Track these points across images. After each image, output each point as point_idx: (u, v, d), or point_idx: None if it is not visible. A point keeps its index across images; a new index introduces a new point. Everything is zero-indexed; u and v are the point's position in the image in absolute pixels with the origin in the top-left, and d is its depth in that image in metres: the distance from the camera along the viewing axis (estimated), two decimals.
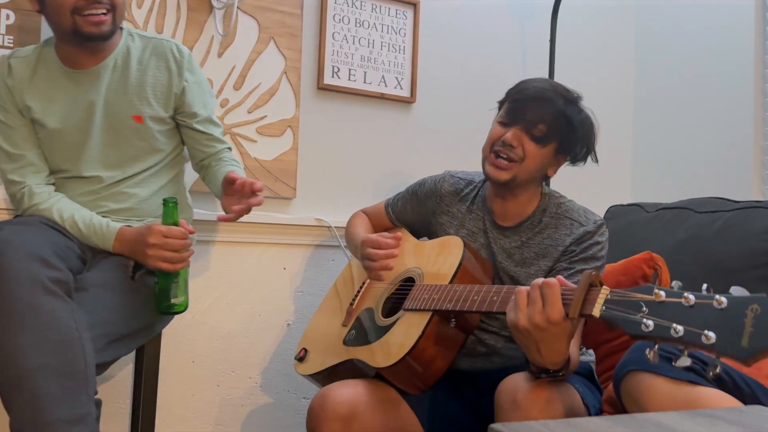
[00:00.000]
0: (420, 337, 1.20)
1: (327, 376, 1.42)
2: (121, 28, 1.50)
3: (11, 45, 1.66)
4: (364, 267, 1.49)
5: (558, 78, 2.24)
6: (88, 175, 1.43)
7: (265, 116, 1.95)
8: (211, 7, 1.87)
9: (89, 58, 1.42)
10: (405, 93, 2.15)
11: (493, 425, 0.61)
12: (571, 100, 1.33)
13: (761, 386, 0.95)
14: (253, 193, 1.36)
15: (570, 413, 1.06)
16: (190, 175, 1.70)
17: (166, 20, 1.82)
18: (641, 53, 2.52)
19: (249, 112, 1.93)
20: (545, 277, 1.27)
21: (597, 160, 1.38)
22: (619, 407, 1.04)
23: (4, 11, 1.67)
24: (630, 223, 1.91)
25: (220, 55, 1.89)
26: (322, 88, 2.03)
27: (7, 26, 1.67)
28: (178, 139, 1.57)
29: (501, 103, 1.41)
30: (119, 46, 1.47)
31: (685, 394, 0.85)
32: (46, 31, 1.68)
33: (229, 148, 1.61)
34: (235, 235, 1.89)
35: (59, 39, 1.42)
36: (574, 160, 1.38)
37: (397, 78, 2.14)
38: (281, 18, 1.96)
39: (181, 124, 1.53)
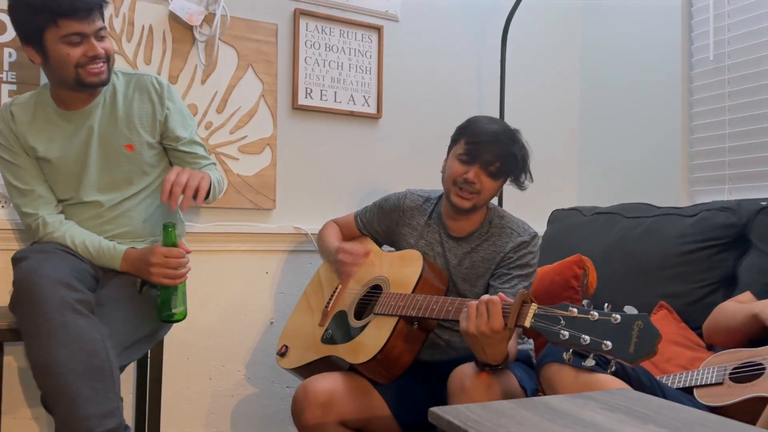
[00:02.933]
0: (389, 338, 1.45)
1: (307, 370, 1.66)
2: None
3: (14, 80, 1.84)
4: (336, 270, 1.72)
5: (508, 90, 2.49)
6: (88, 200, 1.62)
7: (246, 136, 2.16)
8: (194, 38, 2.06)
9: (83, 99, 1.61)
10: (372, 110, 2.37)
11: (431, 408, 0.86)
12: (516, 140, 1.60)
13: (645, 371, 1.22)
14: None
15: (508, 395, 1.32)
16: None
17: (154, 52, 2.01)
18: (586, 68, 2.78)
19: (231, 133, 2.13)
20: (489, 278, 1.54)
21: (532, 179, 1.65)
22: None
23: (7, 50, 1.84)
24: (569, 225, 2.18)
25: (203, 82, 2.09)
26: (297, 108, 2.24)
27: (10, 63, 1.84)
28: (167, 161, 1.75)
29: (455, 139, 1.65)
30: (106, 85, 1.66)
31: (585, 380, 1.11)
32: None
33: (214, 163, 1.80)
34: (221, 244, 2.10)
35: (56, 86, 1.59)
36: (519, 185, 1.64)
37: (364, 96, 2.36)
38: (258, 46, 2.16)
39: (167, 147, 1.72)
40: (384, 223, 1.79)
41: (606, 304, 1.08)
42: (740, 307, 1.40)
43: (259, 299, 2.18)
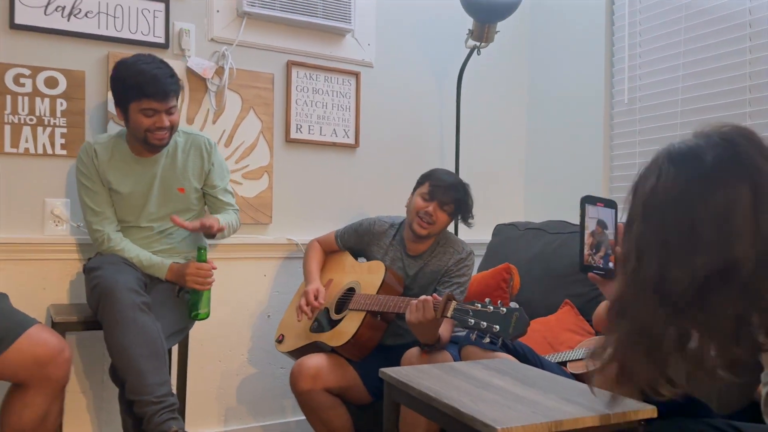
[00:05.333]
0: (359, 327, 1.99)
1: (299, 352, 2.18)
2: None
3: (65, 125, 2.33)
4: (299, 302, 2.20)
5: (463, 124, 3.00)
6: (143, 225, 2.13)
7: (248, 165, 2.67)
8: (207, 88, 2.56)
9: (150, 150, 2.11)
10: (351, 141, 2.89)
11: (381, 369, 1.39)
12: (467, 192, 2.16)
13: (531, 350, 1.76)
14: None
15: None
16: None
17: None
18: (531, 104, 3.30)
19: (236, 163, 2.64)
20: (436, 284, 2.09)
21: (473, 220, 2.19)
22: None
23: (59, 100, 2.33)
24: (506, 238, 2.73)
25: (214, 122, 2.59)
26: (290, 141, 2.74)
27: (62, 111, 2.33)
28: (203, 202, 2.27)
29: (420, 182, 2.18)
30: (170, 140, 2.14)
31: (486, 354, 1.65)
32: (91, 114, 2.36)
33: (236, 210, 2.30)
34: (228, 254, 2.60)
35: (131, 137, 2.08)
36: (466, 223, 2.19)
37: (344, 130, 2.88)
38: (258, 92, 2.67)
39: (206, 192, 2.24)
40: (358, 243, 2.32)
41: (500, 301, 1.62)
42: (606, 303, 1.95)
43: (258, 297, 2.69)
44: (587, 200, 1.18)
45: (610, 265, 1.13)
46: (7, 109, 2.23)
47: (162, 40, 2.45)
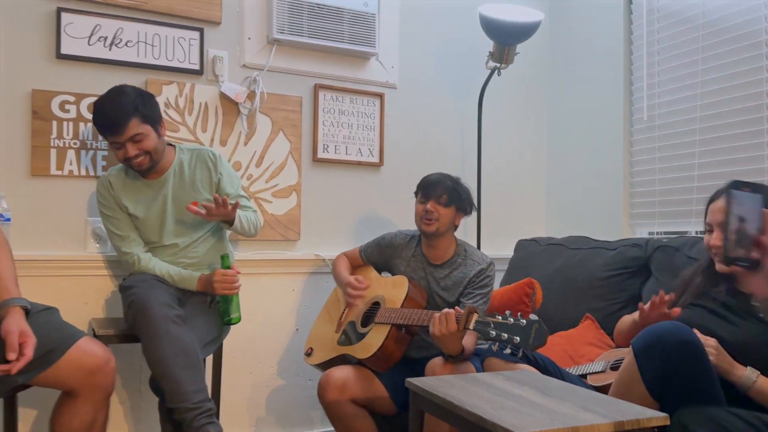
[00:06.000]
0: (384, 340, 2.07)
1: (327, 364, 2.26)
2: (174, 146, 2.29)
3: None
4: (346, 297, 2.33)
5: (485, 143, 3.09)
6: (168, 243, 2.24)
7: (278, 184, 2.78)
8: (239, 111, 2.68)
9: (156, 173, 2.22)
10: (375, 159, 2.99)
11: (408, 379, 1.46)
12: (456, 181, 2.26)
13: (552, 362, 1.82)
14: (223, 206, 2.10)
15: None
16: None
17: (209, 122, 2.64)
18: (551, 124, 3.38)
19: (266, 182, 2.75)
20: (459, 296, 2.16)
21: (474, 210, 2.29)
22: None
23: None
24: (528, 253, 2.79)
25: (245, 144, 2.71)
26: (317, 160, 2.85)
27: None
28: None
29: (416, 193, 2.30)
30: (175, 159, 2.25)
31: (508, 366, 1.71)
32: None
33: (255, 211, 2.40)
34: (258, 269, 2.71)
35: None
36: (465, 213, 2.27)
37: (369, 149, 2.98)
38: (287, 115, 2.78)
39: None
40: (381, 257, 2.41)
41: (519, 313, 1.69)
42: (629, 320, 2.00)
43: (287, 311, 2.79)
44: (735, 185, 1.09)
45: (757, 255, 1.02)
46: (53, 133, 2.38)
47: (197, 67, 2.59)
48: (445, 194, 2.21)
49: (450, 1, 3.14)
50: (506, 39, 2.76)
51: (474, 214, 2.36)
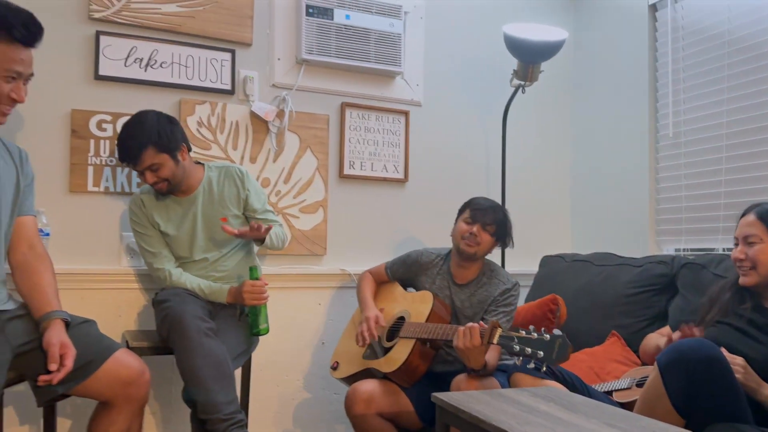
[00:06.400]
0: (409, 354, 2.10)
1: (353, 378, 2.30)
2: (202, 164, 2.37)
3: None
4: (359, 328, 2.30)
5: (509, 160, 3.11)
6: (198, 258, 2.30)
7: (305, 200, 2.84)
8: (268, 129, 2.76)
9: (186, 191, 2.29)
10: (400, 176, 3.03)
11: (434, 393, 1.49)
12: (505, 214, 2.29)
13: (579, 378, 1.83)
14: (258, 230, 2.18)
15: None
16: None
17: (239, 140, 2.71)
18: (576, 140, 3.40)
19: (294, 198, 2.81)
20: (483, 314, 2.18)
21: (513, 245, 2.29)
22: None
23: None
24: (553, 269, 2.79)
25: (274, 161, 2.78)
26: (343, 177, 2.91)
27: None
28: (247, 226, 2.43)
29: (462, 210, 2.31)
30: (204, 177, 2.33)
31: (535, 381, 1.73)
32: None
33: (281, 225, 2.46)
34: (285, 283, 2.76)
35: None
36: (504, 246, 2.29)
37: (394, 165, 3.02)
38: (315, 132, 2.85)
39: (248, 216, 2.40)
40: (407, 274, 2.44)
41: (543, 328, 1.71)
42: (655, 337, 2.00)
43: (313, 325, 2.83)
44: None
45: None
46: (90, 151, 2.47)
47: (228, 87, 2.67)
48: (494, 224, 2.25)
49: (474, 20, 3.19)
50: (530, 58, 2.79)
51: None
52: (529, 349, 1.67)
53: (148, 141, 2.13)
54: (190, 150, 2.29)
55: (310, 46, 2.75)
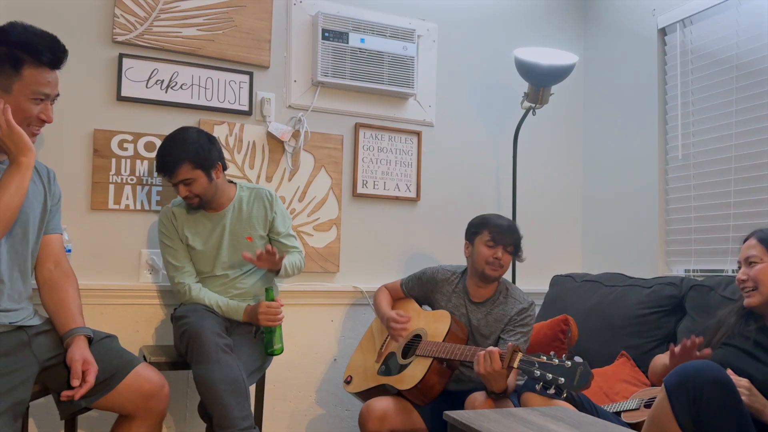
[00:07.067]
0: (426, 373, 2.13)
1: (366, 394, 2.33)
2: (234, 183, 2.44)
3: (160, 183, 2.60)
4: (389, 331, 2.39)
5: (520, 180, 3.16)
6: (219, 274, 2.36)
7: (319, 218, 2.89)
8: (284, 149, 2.82)
9: (216, 207, 2.35)
10: (412, 195, 3.08)
11: (446, 411, 1.53)
12: (518, 231, 2.33)
13: (588, 399, 1.86)
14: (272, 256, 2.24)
15: None
16: None
17: (255, 160, 2.78)
18: (586, 162, 3.44)
19: (308, 216, 2.87)
20: (500, 333, 2.21)
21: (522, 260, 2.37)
22: None
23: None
24: (563, 289, 2.82)
25: (290, 179, 2.84)
26: (356, 195, 2.96)
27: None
28: None
29: (476, 231, 2.34)
30: (236, 196, 2.40)
31: (544, 401, 1.76)
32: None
33: (300, 252, 2.51)
34: (298, 300, 2.81)
35: None
36: (518, 259, 2.35)
37: (407, 184, 3.08)
38: (329, 152, 2.91)
39: (271, 238, 2.47)
40: (422, 291, 2.49)
41: (564, 355, 1.74)
42: (663, 359, 2.03)
43: (326, 341, 2.88)
44: None
45: None
46: (112, 170, 2.54)
47: (246, 108, 2.74)
48: (513, 244, 2.30)
49: (486, 44, 3.25)
50: (541, 81, 2.85)
51: None
52: (550, 375, 1.70)
53: (186, 156, 2.21)
54: (225, 169, 2.37)
55: (326, 68, 2.82)
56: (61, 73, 1.78)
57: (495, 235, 2.28)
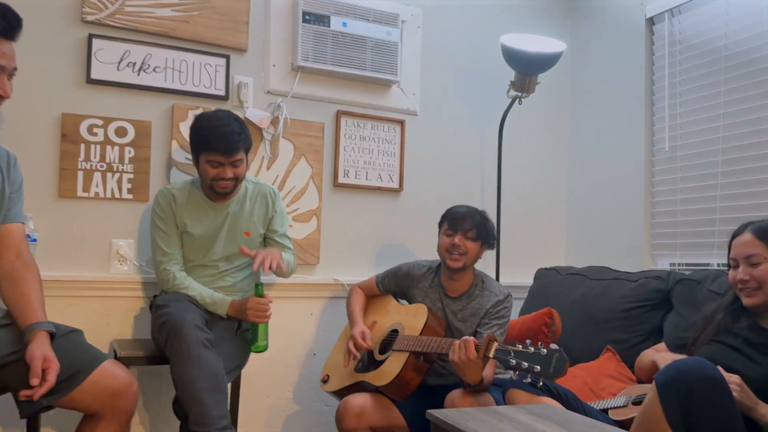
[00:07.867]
0: (402, 368, 2.06)
1: (343, 392, 2.26)
2: None
3: (132, 171, 2.50)
4: (348, 344, 2.26)
5: (504, 171, 3.10)
6: (209, 264, 2.26)
7: (298, 208, 2.80)
8: (263, 137, 2.72)
9: (222, 197, 2.27)
10: (395, 185, 3.00)
11: (428, 410, 1.46)
12: (483, 215, 2.26)
13: (575, 396, 1.80)
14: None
15: None
16: None
17: None
18: (572, 153, 3.39)
19: (287, 206, 2.77)
20: (476, 326, 2.15)
21: (498, 244, 2.27)
22: None
23: (128, 148, 2.51)
24: (547, 282, 2.77)
25: (268, 168, 2.75)
26: (337, 185, 2.88)
27: (129, 158, 2.51)
28: (264, 245, 2.40)
29: (441, 223, 2.28)
30: (241, 188, 2.31)
31: (530, 398, 1.70)
32: (155, 161, 2.53)
33: (293, 253, 2.44)
34: (277, 292, 2.72)
35: (203, 184, 2.26)
36: (491, 248, 2.28)
37: (389, 175, 3.00)
38: (309, 140, 2.82)
39: (267, 236, 2.38)
40: (399, 286, 2.41)
41: (540, 342, 1.69)
42: (650, 354, 1.98)
43: (305, 335, 2.80)
44: None
45: None
46: (80, 156, 2.43)
47: (222, 93, 2.64)
48: (474, 229, 2.21)
49: (472, 30, 3.18)
50: (528, 69, 2.78)
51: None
52: (525, 363, 1.65)
53: (245, 137, 2.19)
54: None
55: (306, 53, 2.72)
56: (27, 53, 1.68)
57: (451, 222, 2.24)
